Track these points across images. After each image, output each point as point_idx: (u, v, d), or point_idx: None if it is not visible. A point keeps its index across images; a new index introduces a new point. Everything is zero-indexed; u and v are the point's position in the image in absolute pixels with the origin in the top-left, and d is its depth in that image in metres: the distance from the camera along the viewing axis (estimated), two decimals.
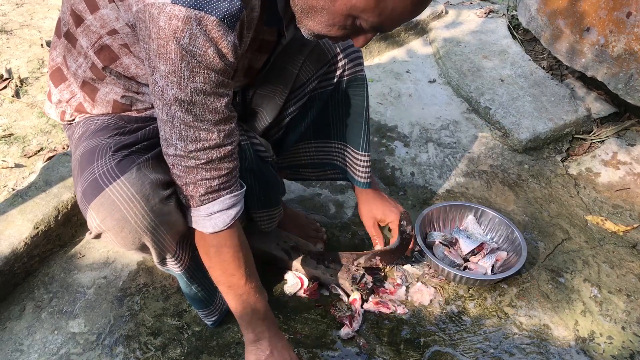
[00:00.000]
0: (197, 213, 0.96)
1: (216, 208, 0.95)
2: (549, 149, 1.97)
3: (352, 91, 1.25)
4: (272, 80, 1.20)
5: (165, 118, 0.87)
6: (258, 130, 1.23)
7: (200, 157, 0.90)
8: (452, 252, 1.46)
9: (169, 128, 0.88)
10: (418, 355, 1.25)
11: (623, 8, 1.87)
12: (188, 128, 0.87)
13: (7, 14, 2.40)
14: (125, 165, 0.92)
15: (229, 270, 1.02)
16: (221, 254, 1.00)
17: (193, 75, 0.82)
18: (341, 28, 0.85)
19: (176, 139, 0.88)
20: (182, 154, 0.90)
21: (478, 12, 2.77)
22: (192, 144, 0.89)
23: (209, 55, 0.80)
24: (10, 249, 1.29)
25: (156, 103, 0.87)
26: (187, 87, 0.83)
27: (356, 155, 1.30)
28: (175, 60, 0.80)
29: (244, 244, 1.03)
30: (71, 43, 1.00)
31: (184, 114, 0.85)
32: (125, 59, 0.96)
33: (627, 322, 1.36)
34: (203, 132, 0.88)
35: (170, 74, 0.82)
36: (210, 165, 0.91)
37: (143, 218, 0.92)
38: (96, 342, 1.23)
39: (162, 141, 0.92)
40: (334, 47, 1.20)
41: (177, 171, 0.93)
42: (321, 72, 1.20)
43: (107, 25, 0.92)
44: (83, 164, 0.94)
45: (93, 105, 1.05)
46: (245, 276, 1.03)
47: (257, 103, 1.22)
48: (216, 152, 0.91)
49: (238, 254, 1.01)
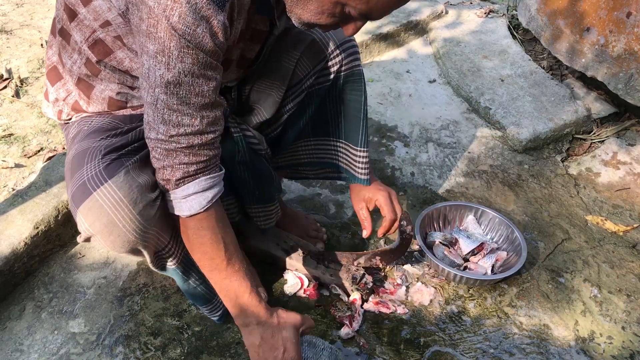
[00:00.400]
0: (174, 196, 0.95)
1: (191, 190, 0.94)
2: (549, 149, 1.97)
3: (350, 86, 1.25)
4: (269, 77, 1.20)
5: (149, 100, 0.87)
6: (253, 124, 1.23)
7: (181, 142, 0.89)
8: (452, 252, 1.46)
9: (152, 111, 0.87)
10: (418, 355, 1.25)
11: (623, 8, 1.87)
12: (171, 112, 0.86)
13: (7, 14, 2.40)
14: (114, 169, 0.92)
15: (209, 253, 1.00)
16: (200, 236, 0.98)
17: (181, 55, 0.81)
18: (330, 16, 0.85)
19: (159, 122, 0.88)
20: (164, 138, 0.89)
21: (478, 12, 2.77)
22: (174, 128, 0.88)
23: (198, 34, 0.80)
24: (10, 249, 1.29)
25: (143, 85, 0.87)
26: (174, 68, 0.82)
27: (355, 152, 1.30)
28: (164, 39, 0.79)
29: (224, 227, 1.01)
30: (65, 40, 1.00)
31: (168, 97, 0.85)
32: (119, 53, 0.96)
33: (627, 322, 1.36)
34: (186, 117, 0.87)
35: (158, 53, 0.81)
36: (190, 150, 0.91)
37: (131, 221, 0.92)
38: (96, 342, 1.23)
39: (145, 125, 0.91)
40: (330, 43, 1.19)
41: (156, 154, 0.92)
42: (318, 68, 1.20)
43: (100, 17, 0.92)
44: (74, 166, 0.95)
45: (89, 103, 1.05)
46: (226, 260, 1.00)
47: (254, 100, 1.22)
48: (197, 139, 0.90)
49: (217, 237, 0.99)
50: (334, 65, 1.21)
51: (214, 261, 1.00)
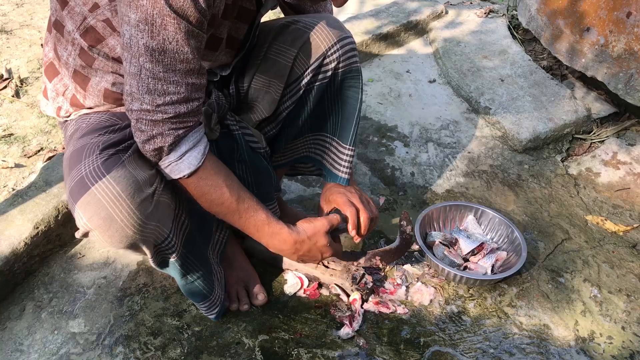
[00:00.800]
0: (169, 161, 0.96)
1: (184, 149, 0.95)
2: (549, 149, 1.97)
3: (348, 83, 1.24)
4: (267, 74, 1.20)
5: (133, 71, 0.87)
6: (252, 122, 1.23)
7: (168, 112, 0.90)
8: (452, 252, 1.46)
9: (136, 81, 0.87)
10: (418, 355, 1.25)
11: (623, 8, 1.87)
12: (157, 81, 0.87)
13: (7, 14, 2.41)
14: (111, 164, 0.92)
15: (218, 200, 1.03)
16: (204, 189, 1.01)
17: (165, 23, 0.81)
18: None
19: (143, 92, 0.88)
20: (149, 108, 0.89)
21: (478, 12, 2.77)
22: (160, 97, 0.88)
23: (179, 1, 0.80)
24: (10, 249, 1.29)
25: (125, 56, 0.87)
26: (158, 35, 0.82)
27: (342, 149, 1.28)
28: (147, 7, 0.80)
29: (223, 171, 1.03)
30: (59, 32, 1.01)
31: (153, 65, 0.85)
32: (110, 40, 0.97)
33: (627, 322, 1.36)
34: (172, 85, 0.88)
35: (141, 22, 0.81)
36: (177, 119, 0.92)
37: (129, 216, 0.92)
38: (96, 342, 1.23)
39: (126, 97, 0.91)
40: (328, 40, 1.19)
41: (141, 125, 0.92)
42: (316, 65, 1.20)
43: (89, 0, 0.93)
44: (71, 163, 0.95)
45: (85, 96, 1.05)
46: (235, 201, 1.04)
47: (252, 98, 1.22)
48: (184, 107, 0.91)
49: (220, 183, 1.01)
50: (332, 62, 1.21)
51: (224, 205, 1.04)
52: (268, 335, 1.26)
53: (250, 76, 1.21)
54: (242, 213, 1.06)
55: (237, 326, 1.28)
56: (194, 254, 1.14)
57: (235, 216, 1.06)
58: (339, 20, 1.24)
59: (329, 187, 1.31)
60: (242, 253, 1.41)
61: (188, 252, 1.12)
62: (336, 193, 1.27)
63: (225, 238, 1.33)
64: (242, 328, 1.28)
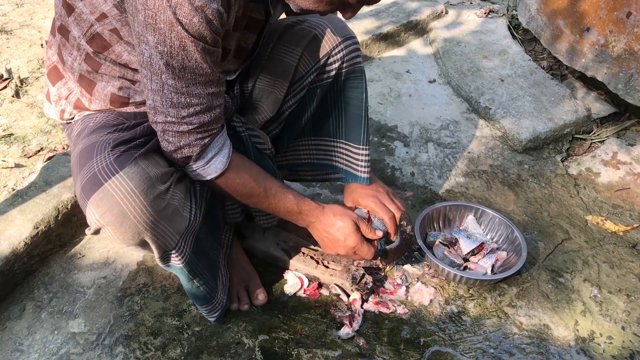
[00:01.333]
0: (197, 166, 1.00)
1: (210, 154, 1.00)
2: (549, 149, 1.97)
3: (351, 83, 1.25)
4: (271, 74, 1.20)
5: (155, 87, 0.89)
6: (258, 124, 1.24)
7: (193, 122, 0.93)
8: (452, 252, 1.46)
9: (159, 97, 0.90)
10: (418, 355, 1.25)
11: (623, 8, 1.87)
12: (180, 95, 0.89)
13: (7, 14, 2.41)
14: (124, 160, 0.92)
15: (246, 193, 1.09)
16: (232, 185, 1.06)
17: (183, 44, 0.84)
18: (328, 3, 0.88)
19: (168, 106, 0.91)
20: (175, 120, 0.92)
21: (478, 12, 2.77)
22: (184, 109, 0.91)
23: (195, 24, 0.82)
24: (10, 249, 1.29)
25: (144, 73, 0.89)
26: (178, 55, 0.85)
27: (356, 151, 1.30)
28: (164, 30, 0.82)
29: (247, 166, 1.08)
30: (65, 37, 1.01)
31: (175, 81, 0.88)
32: (117, 47, 0.97)
33: (627, 322, 1.36)
34: (194, 98, 0.91)
35: (159, 44, 0.83)
36: (202, 128, 0.95)
37: (142, 212, 0.92)
38: (96, 342, 1.23)
39: (150, 110, 0.94)
40: (332, 40, 1.20)
41: (169, 137, 0.95)
42: (319, 65, 1.20)
43: (97, 10, 0.93)
44: (82, 160, 0.95)
45: (91, 100, 1.05)
46: (263, 190, 1.10)
47: (257, 97, 1.22)
48: (207, 116, 0.94)
49: (246, 178, 1.07)
50: (336, 62, 1.21)
51: (255, 197, 1.10)
52: (268, 335, 1.26)
53: (255, 76, 1.21)
54: (271, 200, 1.12)
55: (237, 326, 1.28)
56: (201, 260, 1.14)
57: (265, 204, 1.12)
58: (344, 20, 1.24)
59: (354, 188, 1.34)
60: (242, 253, 1.41)
61: (196, 259, 1.12)
62: (365, 196, 1.30)
63: (230, 241, 1.33)
64: (242, 328, 1.28)
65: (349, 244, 1.19)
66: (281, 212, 1.15)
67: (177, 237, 1.03)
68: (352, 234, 1.18)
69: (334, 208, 1.20)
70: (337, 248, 1.20)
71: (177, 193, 1.00)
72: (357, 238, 1.19)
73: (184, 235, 1.04)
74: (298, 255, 1.41)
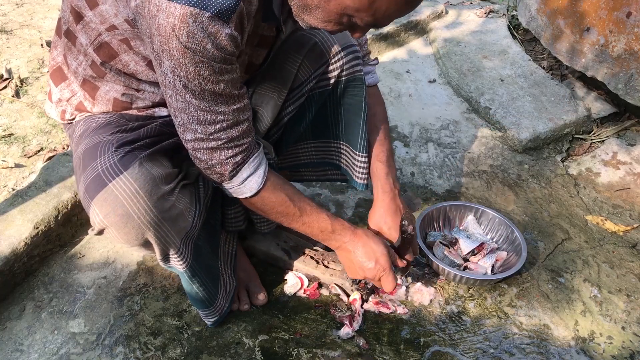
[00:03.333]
0: (231, 185, 1.01)
1: (245, 174, 1.00)
2: (549, 149, 1.97)
3: (351, 91, 1.24)
4: (271, 79, 1.20)
5: (181, 107, 0.90)
6: (260, 132, 1.24)
7: (221, 138, 0.94)
8: (452, 252, 1.46)
9: (186, 115, 0.91)
10: (418, 355, 1.25)
11: (623, 8, 1.87)
12: (205, 113, 0.90)
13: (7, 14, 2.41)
14: (128, 160, 0.92)
15: (281, 213, 1.08)
16: (268, 205, 1.06)
17: (198, 69, 0.84)
18: (337, 24, 0.88)
19: (195, 124, 0.91)
20: (203, 137, 0.93)
21: (478, 12, 2.77)
22: (211, 126, 0.92)
23: (209, 50, 0.82)
24: (10, 249, 1.29)
25: (168, 93, 0.90)
26: (194, 80, 0.85)
27: (354, 156, 1.30)
28: (178, 57, 0.82)
29: (282, 185, 1.08)
30: (71, 41, 1.00)
31: (199, 101, 0.89)
32: (124, 56, 0.97)
33: (627, 322, 1.36)
34: (219, 115, 0.91)
35: (175, 68, 0.84)
36: (231, 143, 0.95)
37: (146, 213, 0.92)
38: (96, 342, 1.23)
39: (178, 128, 0.95)
40: (332, 47, 1.20)
41: (200, 155, 0.96)
42: (319, 72, 1.20)
43: (106, 21, 0.93)
44: (85, 160, 0.94)
45: (93, 104, 1.05)
46: (298, 210, 1.09)
47: (256, 103, 1.22)
48: (235, 131, 0.95)
49: (281, 198, 1.06)
50: (335, 69, 1.21)
51: (289, 217, 1.10)
52: (268, 335, 1.26)
53: (256, 82, 1.21)
54: (306, 219, 1.11)
55: (237, 326, 1.28)
56: (202, 266, 1.14)
57: (299, 223, 1.12)
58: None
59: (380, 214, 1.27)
60: (243, 253, 1.41)
61: (197, 264, 1.12)
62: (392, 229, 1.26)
63: (234, 250, 1.33)
64: (242, 328, 1.28)
65: (380, 266, 1.16)
66: (315, 232, 1.14)
67: (179, 240, 1.03)
68: (383, 257, 1.16)
69: (366, 231, 1.18)
70: (366, 270, 1.17)
71: (183, 197, 1.01)
72: (388, 262, 1.17)
73: (184, 238, 1.04)
74: (298, 255, 1.41)
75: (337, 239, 1.16)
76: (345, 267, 1.23)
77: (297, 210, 1.09)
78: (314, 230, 1.13)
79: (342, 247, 1.18)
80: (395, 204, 1.26)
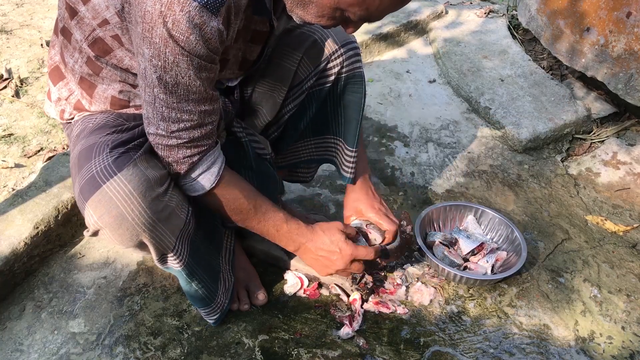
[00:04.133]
0: (185, 181, 1.01)
1: (199, 171, 0.99)
2: (549, 149, 1.97)
3: (351, 88, 1.24)
4: (271, 77, 1.20)
5: (148, 99, 0.89)
6: (257, 128, 1.23)
7: (182, 137, 0.93)
8: (452, 252, 1.46)
9: (151, 109, 0.90)
10: (418, 355, 1.25)
11: (623, 8, 1.87)
12: (170, 110, 0.89)
13: (7, 14, 2.41)
14: (123, 162, 0.92)
15: (235, 209, 1.07)
16: (221, 201, 1.05)
17: (177, 60, 0.83)
18: (330, 19, 0.88)
19: (158, 119, 0.91)
20: (164, 134, 0.93)
21: (478, 12, 2.77)
22: (174, 124, 0.91)
23: (192, 41, 0.81)
24: (10, 249, 1.29)
25: (141, 85, 0.89)
26: (171, 71, 0.84)
27: (347, 152, 1.30)
28: (159, 44, 0.81)
29: (238, 182, 1.06)
30: (67, 39, 1.01)
31: (166, 96, 0.88)
32: (118, 52, 0.97)
33: (627, 322, 1.36)
34: (185, 114, 0.91)
35: (154, 57, 0.83)
36: (191, 143, 0.95)
37: (140, 215, 0.92)
38: (96, 342, 1.23)
39: (144, 119, 0.95)
40: (332, 44, 1.19)
41: (159, 150, 0.96)
42: (319, 69, 1.20)
43: (99, 15, 0.93)
44: (81, 161, 0.95)
45: (91, 102, 1.05)
46: (253, 208, 1.08)
47: (256, 101, 1.22)
48: (198, 132, 0.94)
49: (235, 194, 1.05)
50: (335, 66, 1.21)
51: (243, 214, 1.08)
52: (268, 335, 1.26)
53: (255, 80, 1.21)
54: (260, 218, 1.10)
55: (237, 326, 1.28)
56: (200, 264, 1.14)
57: (254, 222, 1.10)
58: None
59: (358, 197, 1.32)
60: (242, 253, 1.41)
61: (194, 262, 1.12)
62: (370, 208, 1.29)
63: (233, 245, 1.33)
64: (242, 328, 1.28)
65: (345, 254, 1.15)
66: (270, 232, 1.13)
67: (174, 239, 1.03)
68: (344, 244, 1.15)
69: (321, 225, 1.17)
70: (335, 262, 1.16)
71: (175, 195, 1.00)
72: (350, 246, 1.16)
73: (179, 237, 1.04)
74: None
75: (295, 239, 1.15)
76: (314, 268, 1.21)
77: (251, 208, 1.08)
78: (270, 229, 1.12)
79: (302, 248, 1.17)
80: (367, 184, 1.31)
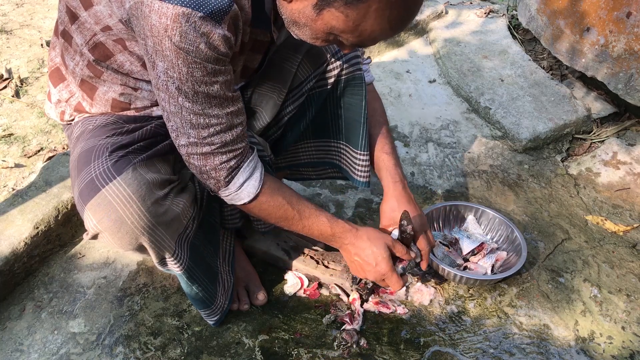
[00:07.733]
0: (228, 192, 1.00)
1: (241, 180, 0.99)
2: (549, 149, 1.97)
3: (351, 90, 1.25)
4: (271, 79, 1.20)
5: (173, 110, 0.89)
6: (256, 130, 1.23)
7: (215, 142, 0.93)
8: (452, 252, 1.46)
9: (179, 119, 0.90)
10: (418, 355, 1.25)
11: (623, 8, 1.87)
12: (198, 117, 0.90)
13: (7, 14, 2.41)
14: (122, 165, 0.92)
15: (281, 217, 1.08)
16: (267, 209, 1.05)
17: (191, 70, 0.84)
18: (324, 41, 0.89)
19: (188, 128, 0.91)
20: (196, 141, 0.92)
21: (478, 12, 2.77)
22: (204, 130, 0.91)
23: (202, 50, 0.82)
24: (10, 249, 1.29)
25: (161, 96, 0.89)
26: (187, 81, 0.85)
27: (355, 155, 1.30)
28: (171, 57, 0.82)
29: (280, 189, 1.07)
30: (67, 41, 1.01)
31: (191, 104, 0.88)
32: (119, 56, 0.97)
33: (627, 322, 1.36)
34: (213, 118, 0.91)
35: (169, 69, 0.84)
36: (225, 148, 0.95)
37: (139, 218, 0.92)
38: (96, 342, 1.23)
39: (172, 132, 0.94)
40: (331, 46, 1.20)
41: (194, 161, 0.95)
42: (319, 72, 1.20)
43: (101, 21, 0.93)
44: (80, 164, 0.95)
45: (92, 104, 1.05)
46: (297, 214, 1.08)
47: (255, 102, 1.22)
48: (229, 135, 0.94)
49: (280, 202, 1.06)
50: (335, 69, 1.21)
51: (289, 220, 1.09)
52: (268, 335, 1.26)
53: (255, 82, 1.21)
54: (305, 222, 1.10)
55: (237, 326, 1.28)
56: (199, 267, 1.14)
57: (299, 227, 1.11)
58: None
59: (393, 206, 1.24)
60: (242, 253, 1.41)
61: (194, 265, 1.12)
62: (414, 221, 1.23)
63: (232, 247, 1.33)
64: (242, 328, 1.28)
65: (380, 270, 1.15)
66: (314, 234, 1.13)
67: (174, 243, 1.03)
68: (384, 261, 1.14)
69: (368, 231, 1.16)
70: (367, 273, 1.17)
71: (179, 200, 1.00)
72: (388, 266, 1.15)
73: (179, 240, 1.04)
74: (298, 255, 1.41)
75: (338, 241, 1.16)
76: (348, 265, 1.23)
77: (296, 214, 1.08)
78: (314, 232, 1.13)
79: (343, 247, 1.18)
80: (407, 193, 1.25)
